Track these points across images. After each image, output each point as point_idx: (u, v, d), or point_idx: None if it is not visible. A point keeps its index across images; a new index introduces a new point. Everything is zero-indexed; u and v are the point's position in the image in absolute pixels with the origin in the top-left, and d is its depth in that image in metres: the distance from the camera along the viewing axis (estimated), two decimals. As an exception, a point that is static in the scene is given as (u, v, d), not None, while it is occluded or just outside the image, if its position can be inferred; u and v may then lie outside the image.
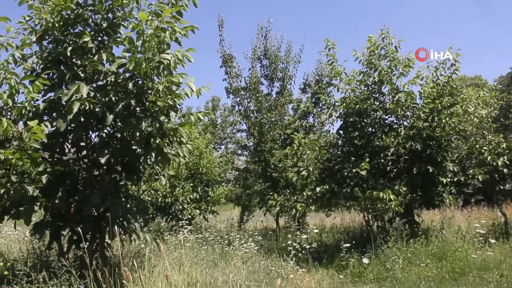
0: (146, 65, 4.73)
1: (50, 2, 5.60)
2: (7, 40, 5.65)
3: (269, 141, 14.77)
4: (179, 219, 13.22)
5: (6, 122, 4.67)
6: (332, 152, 10.98)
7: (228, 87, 15.55)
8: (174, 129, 5.10)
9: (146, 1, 5.05)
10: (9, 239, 8.97)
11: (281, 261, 8.10)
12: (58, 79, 5.76)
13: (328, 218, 15.73)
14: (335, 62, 10.51)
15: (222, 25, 15.75)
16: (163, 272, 5.24)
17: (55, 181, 5.48)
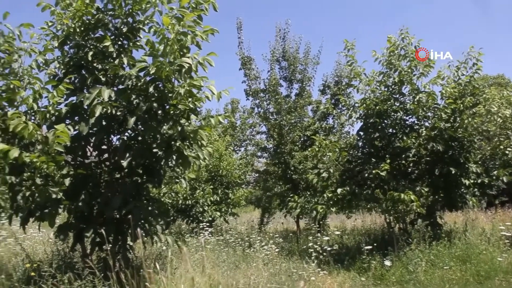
0: (168, 69, 4.77)
1: (72, 8, 5.70)
2: (31, 46, 5.77)
3: (288, 143, 14.76)
4: (199, 221, 13.26)
5: (32, 125, 4.76)
6: (352, 153, 10.91)
7: (247, 89, 15.59)
8: (195, 131, 5.14)
9: (167, 5, 5.07)
10: (34, 241, 9.09)
11: (303, 263, 8.07)
12: (80, 83, 5.86)
13: (349, 220, 15.65)
14: (354, 63, 10.45)
15: (240, 27, 15.81)
16: (185, 274, 5.28)
17: (78, 184, 5.57)
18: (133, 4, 5.60)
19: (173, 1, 5.12)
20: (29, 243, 9.03)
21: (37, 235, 9.05)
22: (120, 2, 5.64)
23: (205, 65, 4.93)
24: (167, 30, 4.73)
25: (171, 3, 5.08)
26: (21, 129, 4.74)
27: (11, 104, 5.51)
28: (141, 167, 5.87)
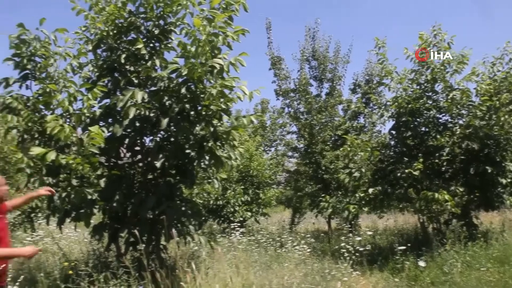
0: (200, 70, 4.82)
1: (104, 12, 5.82)
2: (65, 50, 5.91)
3: (319, 142, 14.68)
4: (230, 221, 13.29)
5: (67, 128, 4.88)
6: (384, 152, 10.78)
7: (278, 89, 15.59)
8: (227, 132, 5.17)
9: (198, 7, 5.11)
10: (69, 240, 9.30)
11: (335, 263, 8.01)
12: (113, 85, 5.98)
13: (381, 220, 15.47)
14: (385, 61, 10.31)
15: (269, 27, 15.82)
16: (219, 273, 5.31)
17: (112, 185, 5.67)
18: (165, 6, 5.67)
19: (204, 2, 5.17)
20: (65, 243, 9.24)
21: (73, 235, 9.25)
22: (152, 5, 5.72)
23: (236, 66, 4.95)
24: (198, 32, 4.76)
25: (202, 4, 5.13)
26: (58, 131, 4.86)
27: (48, 107, 5.67)
28: (174, 168, 5.94)
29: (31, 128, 5.65)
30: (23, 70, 5.86)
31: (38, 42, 5.76)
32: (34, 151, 4.93)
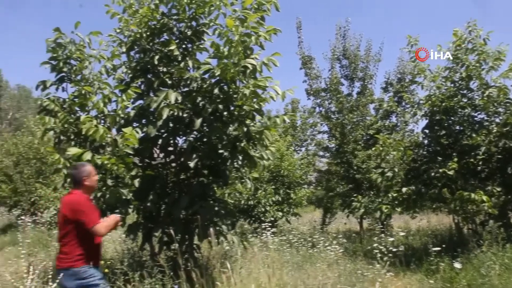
0: (233, 70, 4.83)
1: (138, 14, 5.90)
2: (99, 52, 6.02)
3: (351, 142, 14.56)
4: (261, 221, 13.32)
5: (102, 129, 4.97)
6: (417, 152, 10.60)
7: (308, 88, 15.53)
8: (260, 132, 5.17)
9: (231, 7, 5.13)
10: (103, 239, 9.46)
11: (367, 264, 7.93)
12: (146, 87, 6.06)
13: (413, 220, 15.24)
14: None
15: (300, 27, 15.78)
16: (252, 273, 5.31)
17: (146, 185, 5.74)
18: (197, 8, 5.72)
19: (236, 3, 5.18)
20: (98, 241, 9.43)
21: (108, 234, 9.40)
22: (184, 6, 5.78)
23: (269, 66, 4.95)
24: (231, 32, 4.78)
25: (234, 5, 5.14)
26: (93, 132, 4.96)
27: (83, 109, 5.78)
28: (207, 168, 5.97)
29: (67, 129, 5.78)
30: (59, 73, 5.99)
31: (74, 45, 5.89)
32: (70, 151, 5.04)
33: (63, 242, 4.07)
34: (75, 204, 4.06)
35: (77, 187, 4.15)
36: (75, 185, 4.18)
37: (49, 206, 15.20)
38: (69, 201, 4.11)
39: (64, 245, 4.06)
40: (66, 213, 4.04)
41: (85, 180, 4.14)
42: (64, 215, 4.06)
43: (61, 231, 4.13)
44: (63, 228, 4.09)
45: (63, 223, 4.10)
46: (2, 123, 45.77)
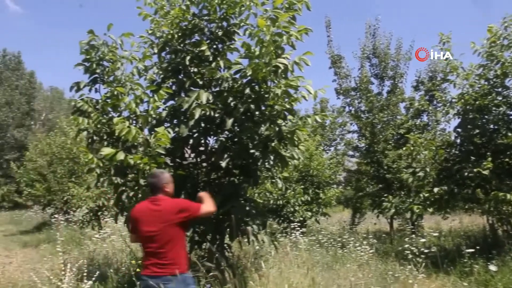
0: (265, 70, 4.83)
1: (169, 15, 5.96)
2: (131, 53, 6.09)
3: (381, 141, 14.41)
4: (290, 221, 13.28)
5: (134, 129, 5.04)
6: (450, 151, 10.41)
7: (338, 88, 15.44)
8: (292, 131, 5.16)
9: (261, 7, 5.13)
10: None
11: (399, 265, 7.83)
12: (177, 87, 6.11)
13: (445, 220, 14.98)
14: (450, 57, 9.94)
15: (329, 26, 15.72)
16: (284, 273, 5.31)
17: (177, 185, 5.77)
18: (228, 8, 5.74)
19: (267, 2, 5.17)
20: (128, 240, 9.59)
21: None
22: (215, 7, 5.81)
23: (301, 65, 4.92)
24: (262, 32, 4.78)
25: (265, 4, 5.14)
26: (126, 133, 5.03)
27: (115, 109, 5.87)
28: (238, 167, 5.98)
29: (100, 129, 5.88)
30: (92, 74, 6.10)
31: (106, 47, 5.98)
32: (104, 151, 5.11)
33: (166, 249, 3.94)
34: (175, 206, 4.08)
35: (157, 194, 4.13)
36: (155, 192, 4.13)
37: (81, 205, 15.50)
38: (167, 206, 4.05)
39: (169, 251, 3.96)
40: (169, 218, 3.98)
41: (166, 187, 4.16)
42: (167, 220, 3.98)
43: (158, 241, 3.95)
44: (164, 235, 3.97)
45: (163, 231, 3.97)
46: (35, 124, 46.85)
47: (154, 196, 4.12)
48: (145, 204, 4.15)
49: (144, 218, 4.02)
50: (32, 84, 44.56)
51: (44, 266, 7.79)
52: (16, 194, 36.23)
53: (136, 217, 4.07)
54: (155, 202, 4.08)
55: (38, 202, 20.02)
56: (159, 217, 3.99)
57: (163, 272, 3.92)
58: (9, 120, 40.87)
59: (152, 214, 4.01)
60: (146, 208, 4.07)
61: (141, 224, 4.00)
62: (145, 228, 3.98)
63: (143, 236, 4.01)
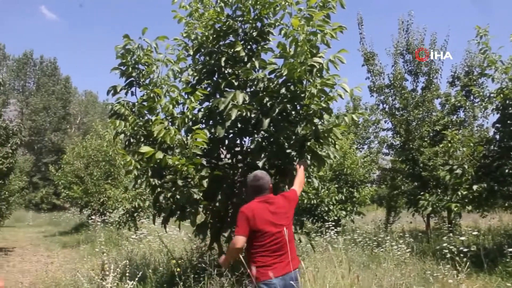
0: (300, 70, 4.81)
1: (204, 17, 6.01)
2: (165, 56, 6.16)
3: (417, 139, 14.17)
4: (324, 220, 13.22)
5: (173, 130, 5.10)
6: (488, 147, 10.16)
7: (371, 85, 15.26)
8: (328, 130, 5.11)
9: (296, 6, 5.11)
10: (170, 239, 9.72)
11: (437, 265, 7.69)
12: (213, 88, 6.15)
13: (483, 219, 14.63)
14: (488, 50, 9.68)
15: (361, 23, 15.52)
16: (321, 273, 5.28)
17: (214, 185, 5.81)
18: (261, 9, 5.75)
19: (301, 1, 5.15)
20: (165, 241, 9.72)
21: (172, 233, 9.65)
22: (249, 7, 5.83)
23: (336, 63, 4.87)
24: (297, 31, 4.75)
25: (299, 4, 5.11)
26: (163, 134, 5.09)
27: (152, 112, 5.95)
28: (274, 167, 5.97)
29: (137, 132, 5.96)
30: (128, 78, 6.20)
31: (141, 50, 6.06)
32: (142, 150, 5.18)
33: (290, 244, 4.07)
34: (291, 199, 4.34)
35: (263, 194, 4.17)
36: (261, 192, 4.17)
37: (118, 206, 15.78)
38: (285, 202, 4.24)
39: (292, 246, 4.11)
40: (291, 213, 4.25)
41: (271, 186, 4.26)
42: (290, 215, 4.22)
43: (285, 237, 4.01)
44: (289, 230, 4.11)
45: (289, 226, 4.14)
46: (71, 127, 47.97)
47: (261, 195, 4.15)
48: (259, 204, 4.09)
49: (267, 217, 4.01)
50: (67, 89, 45.69)
51: (84, 266, 7.96)
52: (54, 196, 37.31)
53: (259, 217, 3.98)
54: (270, 201, 4.13)
55: (75, 203, 20.52)
56: (283, 214, 4.12)
57: (291, 268, 4.00)
58: (47, 125, 42.01)
59: (276, 212, 4.08)
60: (265, 208, 4.06)
61: (266, 224, 3.98)
62: (272, 227, 3.99)
63: (271, 235, 3.97)
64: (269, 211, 4.04)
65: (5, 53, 46.33)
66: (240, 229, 3.92)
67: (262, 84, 5.52)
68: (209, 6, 6.09)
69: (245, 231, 3.91)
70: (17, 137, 13.93)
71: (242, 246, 3.87)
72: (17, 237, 19.37)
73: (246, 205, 4.12)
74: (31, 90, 45.35)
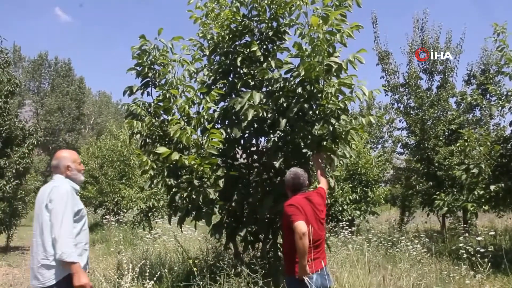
0: (318, 69, 4.79)
1: (220, 18, 6.01)
2: (181, 56, 6.17)
3: (432, 138, 14.06)
4: (338, 220, 13.17)
5: (190, 130, 5.11)
6: (506, 146, 10.03)
7: (386, 84, 15.17)
8: (346, 132, 5.08)
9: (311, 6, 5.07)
10: (184, 238, 9.73)
11: (453, 265, 7.62)
12: (229, 88, 6.14)
13: (499, 219, 14.48)
14: (505, 48, 9.53)
15: (376, 22, 15.45)
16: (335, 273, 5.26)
17: (229, 185, 5.81)
18: (277, 8, 5.73)
19: (317, 1, 5.12)
20: (180, 241, 9.74)
21: (187, 233, 9.66)
22: (264, 7, 5.82)
23: (354, 63, 4.84)
24: (314, 31, 4.73)
25: (315, 3, 5.09)
26: (180, 134, 5.10)
27: (168, 112, 5.97)
28: (290, 167, 5.95)
29: (153, 132, 5.98)
30: (144, 78, 6.23)
31: (157, 51, 6.08)
32: (159, 150, 5.20)
33: (320, 241, 4.16)
34: (324, 197, 4.48)
35: (302, 191, 4.28)
36: (300, 189, 4.29)
37: (132, 206, 15.85)
38: (322, 199, 4.40)
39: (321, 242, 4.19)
40: (325, 208, 4.38)
41: (308, 183, 4.42)
42: (325, 211, 4.36)
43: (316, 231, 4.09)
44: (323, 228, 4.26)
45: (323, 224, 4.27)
46: (85, 128, 48.35)
47: (302, 192, 4.25)
48: (303, 200, 4.16)
49: (312, 212, 4.13)
50: (81, 89, 46.03)
51: (100, 266, 8.01)
52: (69, 196, 37.43)
53: (307, 211, 4.06)
54: (310, 197, 4.24)
55: (90, 203, 20.61)
56: (322, 210, 4.28)
57: (323, 264, 4.11)
58: (61, 125, 42.36)
59: (316, 208, 4.21)
60: (308, 203, 4.16)
61: (312, 218, 4.08)
62: (316, 223, 4.11)
63: (315, 230, 4.04)
64: (312, 206, 4.14)
65: (20, 55, 46.79)
66: (298, 216, 3.91)
67: (278, 84, 5.50)
68: (225, 6, 6.10)
69: (303, 217, 3.92)
70: (33, 137, 14.06)
71: (306, 230, 3.82)
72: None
73: (292, 199, 4.19)
74: (46, 91, 45.75)
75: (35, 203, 3.69)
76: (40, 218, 3.53)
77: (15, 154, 13.26)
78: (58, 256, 3.37)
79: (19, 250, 14.53)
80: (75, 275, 3.40)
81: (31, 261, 3.60)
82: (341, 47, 5.17)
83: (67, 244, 3.39)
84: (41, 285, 3.44)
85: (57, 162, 3.81)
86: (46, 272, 3.45)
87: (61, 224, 3.41)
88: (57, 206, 3.46)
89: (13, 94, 13.76)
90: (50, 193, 3.54)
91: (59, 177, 3.77)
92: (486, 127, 14.04)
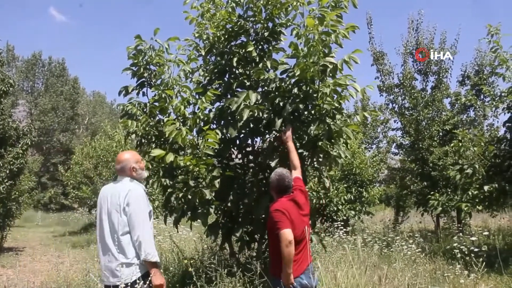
0: (313, 69, 4.80)
1: (215, 18, 6.02)
2: (176, 56, 6.17)
3: (426, 138, 14.14)
4: (333, 220, 13.21)
5: (185, 130, 5.11)
6: (499, 147, 10.10)
7: (381, 85, 15.26)
8: (340, 130, 5.11)
9: (308, 6, 5.09)
10: (179, 239, 9.72)
11: (447, 264, 7.67)
12: (224, 89, 6.14)
13: (493, 219, 14.58)
14: (499, 49, 9.61)
15: (370, 22, 15.55)
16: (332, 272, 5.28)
17: (225, 185, 5.81)
18: (273, 9, 5.74)
19: (313, 1, 5.14)
20: (175, 241, 9.73)
21: (182, 233, 9.66)
22: (260, 8, 5.82)
23: (350, 63, 4.87)
24: (310, 31, 4.74)
25: (311, 4, 5.10)
26: (175, 135, 5.10)
27: (163, 112, 5.96)
28: (286, 167, 5.97)
29: (148, 132, 5.97)
30: (140, 78, 6.20)
31: (153, 51, 6.07)
32: (153, 153, 5.20)
33: (305, 241, 4.17)
34: (306, 191, 4.54)
35: (288, 193, 4.29)
36: (286, 191, 4.28)
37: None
38: (306, 199, 4.44)
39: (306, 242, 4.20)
40: (308, 203, 4.44)
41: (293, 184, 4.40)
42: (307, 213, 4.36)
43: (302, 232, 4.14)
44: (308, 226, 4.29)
45: (307, 223, 4.31)
46: (79, 128, 48.14)
47: (286, 195, 4.26)
48: (289, 202, 4.18)
49: (297, 214, 4.15)
50: (75, 89, 45.76)
51: (95, 266, 7.99)
52: (63, 196, 37.41)
53: (293, 214, 4.06)
54: (296, 198, 4.26)
55: (84, 204, 20.58)
56: (306, 207, 4.34)
57: (309, 261, 4.18)
58: (55, 125, 42.13)
59: (301, 207, 4.25)
60: (294, 205, 4.18)
61: (298, 219, 4.09)
62: (301, 224, 4.13)
63: (300, 230, 4.08)
64: (297, 209, 4.16)
65: (14, 55, 46.52)
66: (284, 224, 3.91)
67: (274, 84, 5.51)
68: (220, 6, 6.10)
69: (289, 225, 3.92)
70: (27, 137, 14.02)
71: (292, 238, 3.84)
72: (27, 237, 19.49)
73: (276, 203, 4.18)
74: (39, 90, 45.46)
75: (101, 204, 4.00)
76: (112, 219, 3.84)
77: (9, 155, 13.22)
78: (143, 257, 3.70)
79: (13, 251, 14.50)
80: (155, 274, 3.73)
81: (102, 259, 3.88)
82: (336, 48, 5.20)
83: (151, 245, 3.76)
84: (119, 282, 3.63)
85: (121, 166, 4.11)
86: (126, 270, 3.72)
87: (143, 227, 3.76)
88: (137, 210, 3.80)
89: (6, 94, 13.70)
90: (126, 196, 3.84)
91: (127, 180, 4.07)
92: (480, 128, 14.15)
